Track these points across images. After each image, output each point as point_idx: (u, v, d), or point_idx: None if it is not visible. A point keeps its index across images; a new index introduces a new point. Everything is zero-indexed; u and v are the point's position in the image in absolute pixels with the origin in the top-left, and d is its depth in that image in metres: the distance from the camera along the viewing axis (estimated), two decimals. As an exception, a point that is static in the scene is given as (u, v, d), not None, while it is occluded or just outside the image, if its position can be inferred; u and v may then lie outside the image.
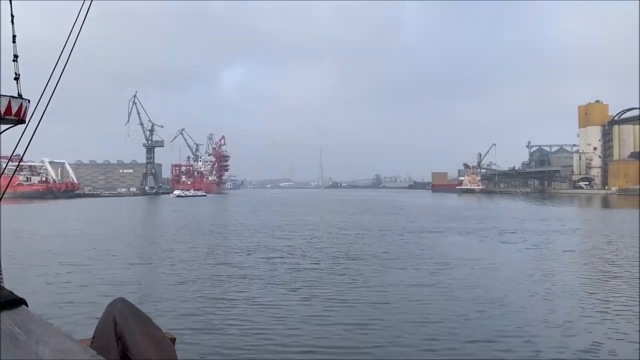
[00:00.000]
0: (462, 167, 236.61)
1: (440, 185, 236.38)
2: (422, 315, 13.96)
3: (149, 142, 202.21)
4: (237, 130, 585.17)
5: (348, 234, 37.25)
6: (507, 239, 33.83)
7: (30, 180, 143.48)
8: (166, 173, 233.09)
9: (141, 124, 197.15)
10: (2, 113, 4.35)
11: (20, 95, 4.58)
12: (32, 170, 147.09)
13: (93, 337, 2.21)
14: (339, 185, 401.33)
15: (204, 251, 28.49)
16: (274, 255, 26.36)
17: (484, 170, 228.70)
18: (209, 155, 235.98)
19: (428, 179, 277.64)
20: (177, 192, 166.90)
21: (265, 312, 14.56)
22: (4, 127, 4.68)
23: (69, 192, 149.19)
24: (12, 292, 1.55)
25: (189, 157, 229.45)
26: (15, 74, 4.84)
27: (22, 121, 4.58)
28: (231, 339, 11.96)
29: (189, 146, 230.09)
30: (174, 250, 29.02)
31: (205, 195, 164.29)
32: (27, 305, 1.41)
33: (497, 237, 35.06)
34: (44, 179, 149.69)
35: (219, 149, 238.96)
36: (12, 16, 5.01)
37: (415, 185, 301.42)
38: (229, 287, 18.39)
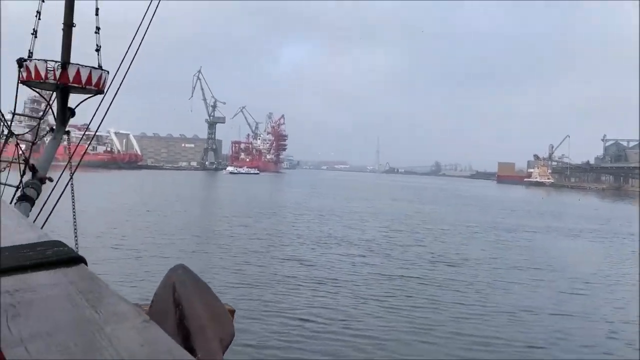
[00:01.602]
0: (530, 159, 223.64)
1: (507, 176, 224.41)
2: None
3: (211, 117, 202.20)
4: (295, 110, 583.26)
5: (431, 229, 32.11)
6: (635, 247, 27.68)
7: (96, 150, 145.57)
8: (226, 149, 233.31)
9: (204, 99, 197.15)
10: (83, 83, 4.77)
11: (100, 67, 4.95)
12: (98, 140, 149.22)
13: (152, 302, 2.05)
14: (396, 170, 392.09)
15: (269, 240, 24.35)
16: (353, 253, 21.83)
17: (555, 163, 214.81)
18: (268, 133, 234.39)
19: (490, 169, 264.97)
20: (230, 168, 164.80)
21: (376, 349, 9.97)
22: (83, 97, 5.10)
23: (132, 163, 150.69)
24: (72, 249, 1.46)
25: (248, 135, 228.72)
26: (97, 45, 5.25)
27: (100, 91, 5.03)
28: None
29: (248, 124, 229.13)
30: (234, 236, 25.06)
31: (258, 174, 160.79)
32: (86, 264, 1.36)
33: (619, 245, 28.94)
34: (109, 149, 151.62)
35: (278, 127, 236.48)
36: None
37: (478, 175, 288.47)
38: (308, 297, 13.98)
